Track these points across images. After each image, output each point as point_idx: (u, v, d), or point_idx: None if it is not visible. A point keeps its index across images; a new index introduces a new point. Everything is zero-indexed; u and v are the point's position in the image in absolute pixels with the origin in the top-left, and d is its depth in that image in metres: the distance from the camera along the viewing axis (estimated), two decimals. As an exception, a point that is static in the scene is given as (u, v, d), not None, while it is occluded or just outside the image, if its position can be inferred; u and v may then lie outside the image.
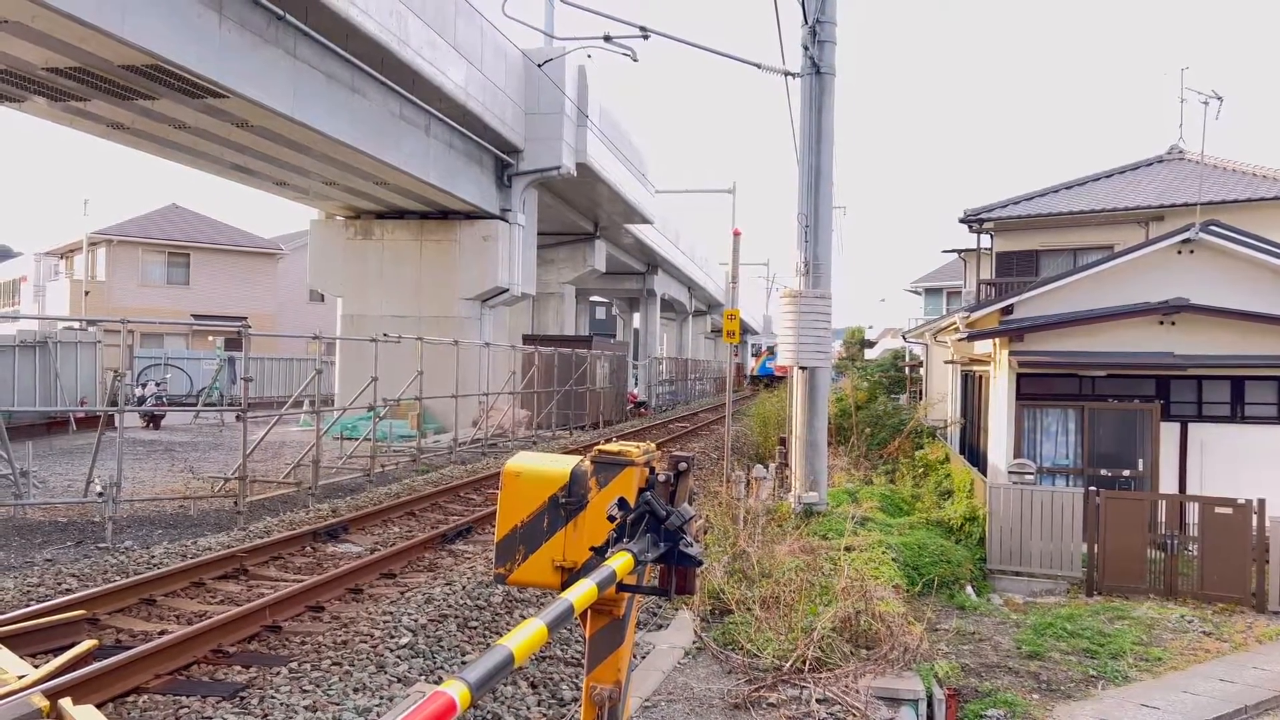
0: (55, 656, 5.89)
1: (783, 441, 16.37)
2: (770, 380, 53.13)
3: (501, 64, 23.08)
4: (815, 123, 12.49)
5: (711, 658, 6.76)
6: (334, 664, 6.00)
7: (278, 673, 5.87)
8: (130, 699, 5.43)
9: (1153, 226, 19.73)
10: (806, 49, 12.41)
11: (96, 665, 5.49)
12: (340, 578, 8.12)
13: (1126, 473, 14.09)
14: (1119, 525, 11.50)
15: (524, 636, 2.15)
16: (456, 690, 1.76)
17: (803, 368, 12.41)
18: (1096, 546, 11.59)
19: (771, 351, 29.71)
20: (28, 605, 7.10)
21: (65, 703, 4.74)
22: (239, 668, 6.06)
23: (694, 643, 7.05)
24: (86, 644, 6.09)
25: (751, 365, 67.06)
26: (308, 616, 7.28)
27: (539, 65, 20.26)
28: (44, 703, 4.66)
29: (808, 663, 6.39)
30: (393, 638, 6.52)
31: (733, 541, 9.06)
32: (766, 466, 14.58)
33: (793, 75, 12.86)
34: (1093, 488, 12.30)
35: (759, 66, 13.17)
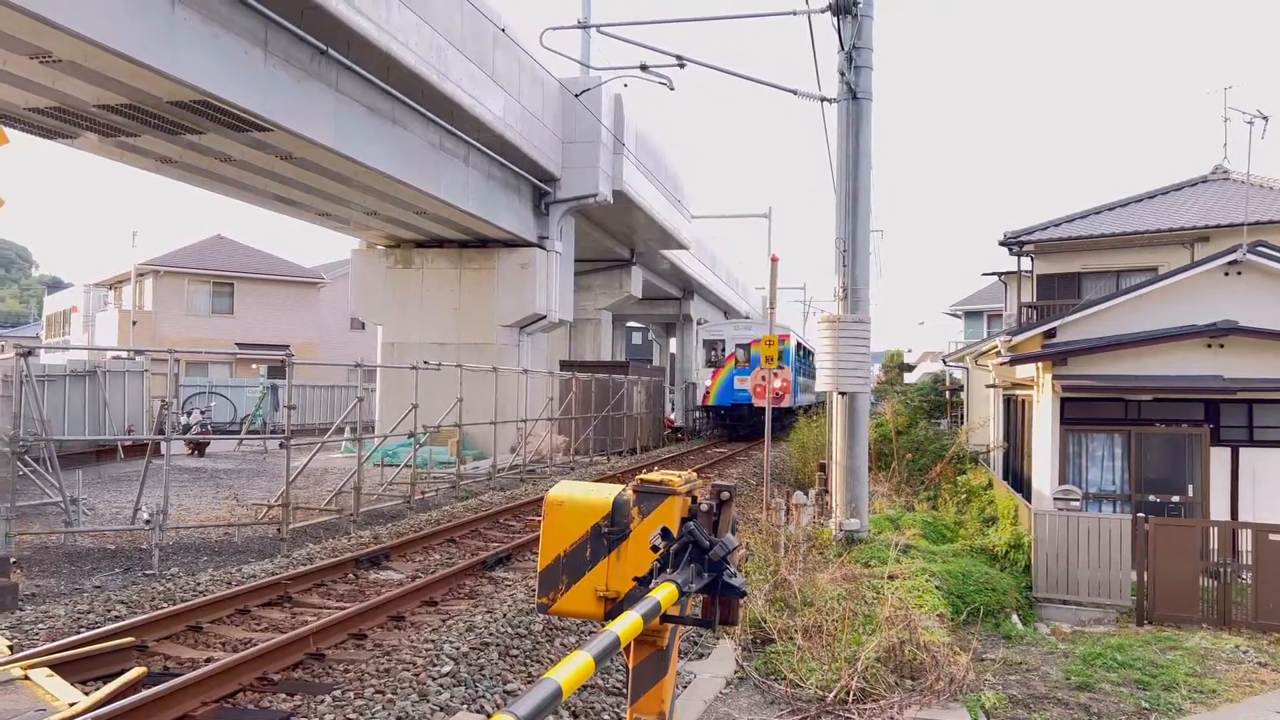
0: (105, 684, 5.98)
1: (822, 467, 16.24)
2: (740, 417, 34.60)
3: (539, 94, 23.34)
4: (853, 147, 12.48)
5: (754, 687, 6.70)
6: (377, 692, 6.02)
7: (322, 701, 5.91)
8: (177, 726, 5.49)
9: (1198, 248, 19.42)
10: (843, 75, 12.43)
11: (145, 693, 5.56)
12: (382, 605, 8.16)
13: (1176, 499, 13.80)
14: (1169, 553, 11.25)
15: (571, 669, 2.16)
16: (507, 724, 1.77)
17: (842, 393, 12.33)
18: (1146, 574, 11.35)
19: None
20: (78, 632, 7.22)
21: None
22: (284, 695, 6.11)
23: (736, 672, 6.99)
24: (135, 671, 6.18)
25: (707, 384, 35.94)
26: (351, 644, 7.33)
27: (576, 95, 20.47)
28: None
29: (852, 693, 6.31)
30: (435, 666, 6.54)
31: (774, 569, 8.99)
32: (807, 493, 14.47)
33: (829, 101, 12.88)
34: (1141, 514, 12.06)
35: (795, 93, 13.22)
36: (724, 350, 35.40)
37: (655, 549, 3.36)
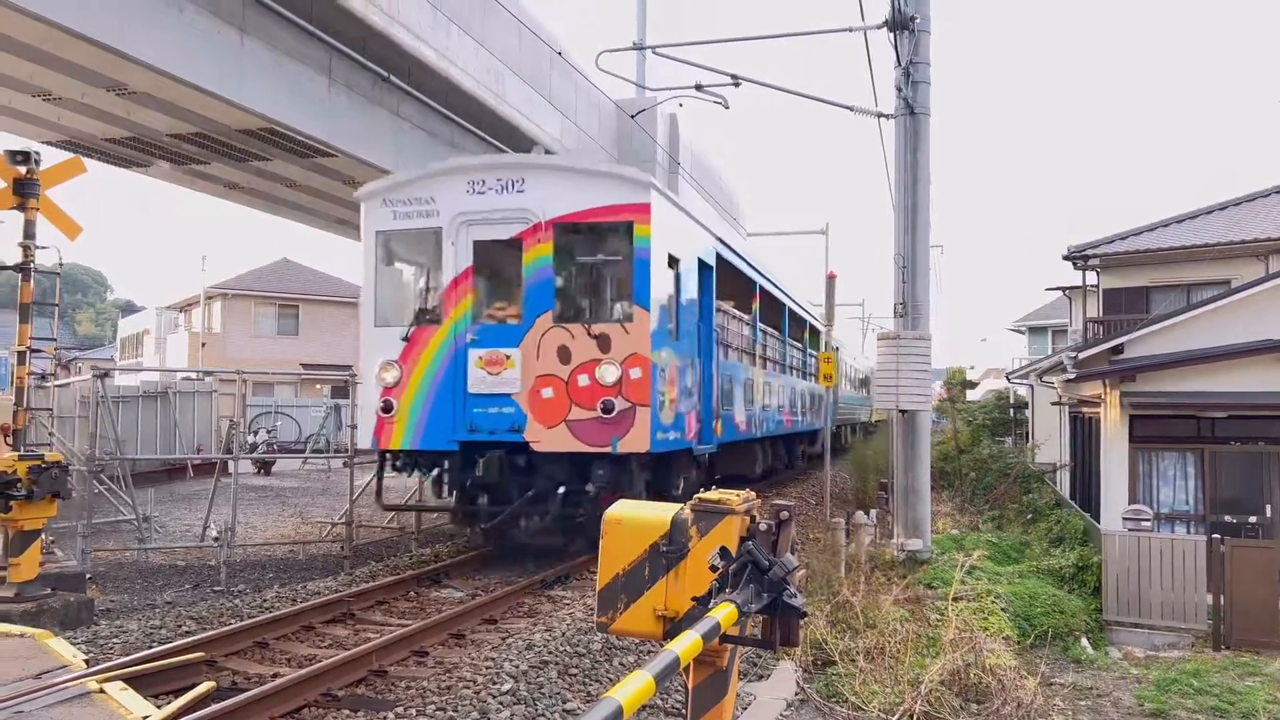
0: (176, 698, 6.12)
1: (884, 487, 16.03)
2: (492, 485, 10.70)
3: (595, 116, 23.56)
4: (910, 163, 12.38)
5: (815, 710, 6.62)
6: (438, 709, 6.06)
7: (384, 717, 5.97)
8: (245, 740, 5.59)
9: (1272, 260, 18.85)
10: (900, 90, 12.35)
11: (215, 707, 5.67)
12: (443, 623, 8.23)
13: (1253, 519, 13.35)
14: (1247, 575, 10.88)
15: (632, 689, 2.16)
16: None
17: (903, 411, 12.17)
18: (1223, 597, 10.98)
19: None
20: (150, 647, 7.40)
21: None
22: (347, 711, 6.18)
23: (796, 694, 6.91)
24: (205, 686, 6.31)
25: (385, 381, 10.38)
26: (412, 661, 7.40)
27: (631, 116, 20.62)
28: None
29: (915, 717, 6.20)
30: (495, 684, 6.56)
31: (835, 590, 8.88)
32: (868, 513, 14.29)
33: (886, 117, 12.80)
34: (1217, 535, 11.68)
35: (852, 109, 13.16)
36: (438, 257, 10.59)
37: (714, 568, 3.35)
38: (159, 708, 5.75)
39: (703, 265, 12.33)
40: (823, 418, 23.92)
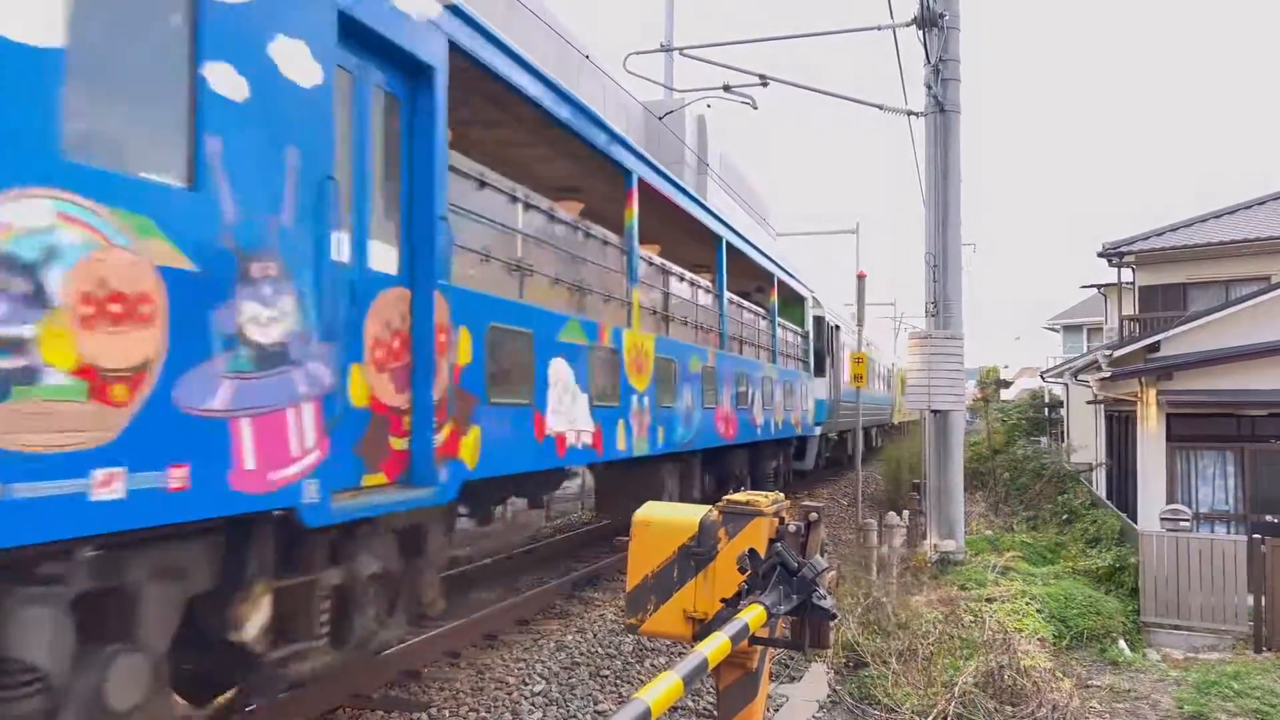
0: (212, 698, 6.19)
1: (916, 488, 15.92)
2: None
3: (623, 118, 23.54)
4: (941, 161, 12.29)
5: (847, 712, 6.59)
6: (471, 710, 6.11)
7: (418, 718, 6.02)
8: (281, 741, 5.65)
9: (1314, 255, 18.51)
10: (930, 88, 12.27)
11: (247, 709, 5.74)
12: (476, 624, 8.28)
13: (1295, 519, 13.11)
14: (1289, 576, 10.68)
15: (659, 691, 2.17)
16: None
17: (935, 411, 12.09)
18: (1264, 598, 10.78)
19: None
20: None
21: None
22: (380, 713, 6.24)
23: (829, 696, 6.88)
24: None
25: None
26: (445, 663, 7.45)
27: (659, 118, 20.65)
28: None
29: (949, 718, 6.15)
30: (527, 685, 6.61)
31: (866, 592, 8.83)
32: (900, 514, 14.19)
33: (916, 115, 12.72)
34: (1257, 535, 11.49)
35: (881, 108, 13.09)
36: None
37: (742, 570, 3.36)
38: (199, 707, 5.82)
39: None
40: (809, 420, 17.89)
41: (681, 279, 12.27)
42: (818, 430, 18.65)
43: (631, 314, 9.48)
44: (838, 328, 20.73)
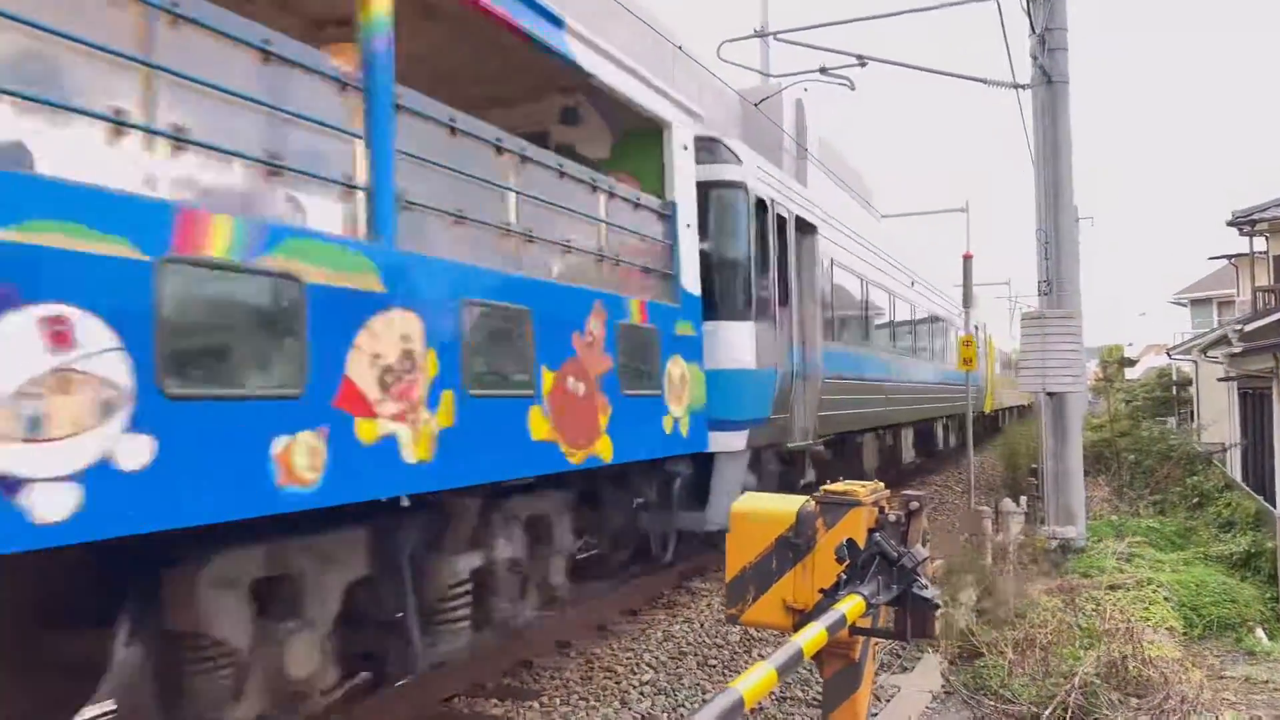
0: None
1: (1034, 473, 15.45)
2: None
3: (719, 107, 23.44)
4: (1050, 134, 11.87)
5: (961, 703, 6.46)
6: (581, 699, 6.23)
7: (530, 707, 6.17)
8: (401, 728, 5.87)
9: None
10: (1036, 59, 11.85)
11: (367, 700, 5.99)
12: (585, 615, 8.41)
13: None
14: None
15: (754, 680, 2.20)
16: (687, 733, 1.81)
17: (1050, 393, 11.70)
18: None
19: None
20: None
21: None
22: (495, 701, 6.41)
23: (942, 686, 6.76)
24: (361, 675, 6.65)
25: None
26: (556, 652, 7.60)
27: (755, 104, 20.51)
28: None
29: (1070, 710, 5.96)
30: (635, 674, 6.70)
31: (981, 581, 8.63)
32: (1017, 500, 13.79)
33: (1022, 88, 12.31)
34: None
35: (985, 82, 12.73)
36: None
37: (840, 560, 3.34)
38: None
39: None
40: (675, 424, 7.88)
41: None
42: (734, 439, 8.87)
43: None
44: (807, 226, 11.62)
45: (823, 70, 13.35)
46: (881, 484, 3.81)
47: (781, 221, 10.54)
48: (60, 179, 3.31)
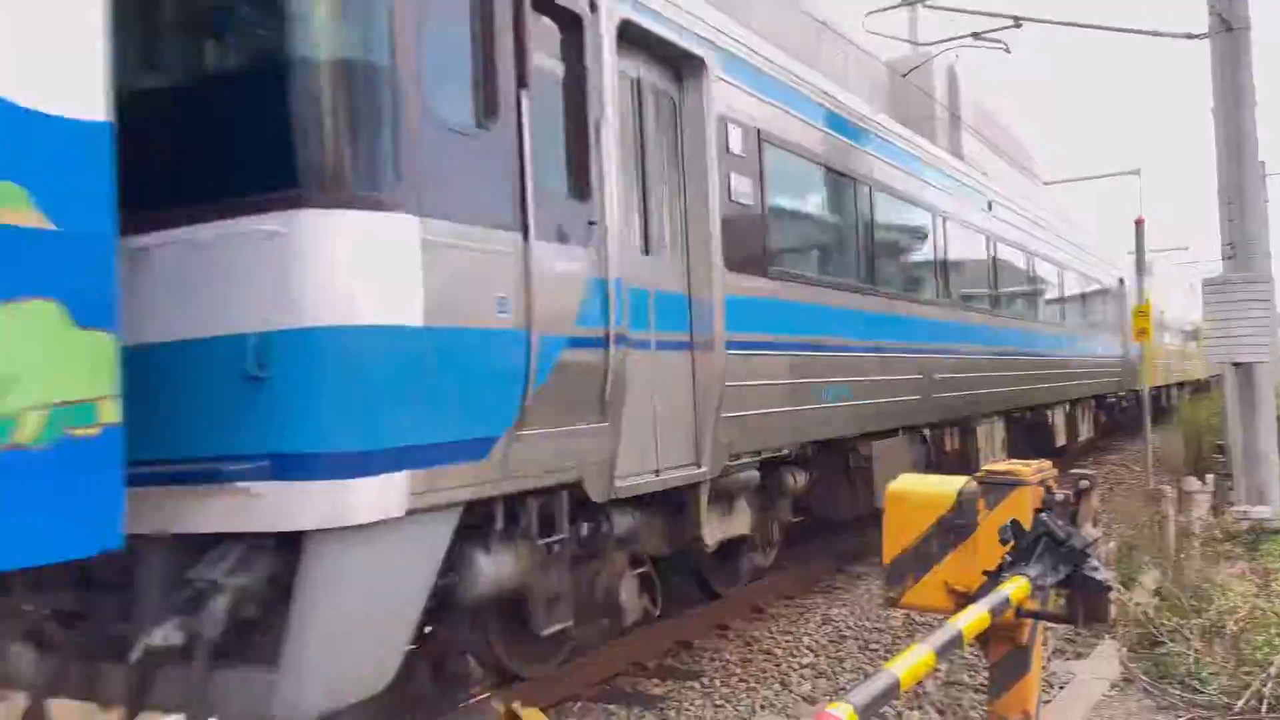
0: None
1: (1220, 449, 14.45)
2: None
3: (866, 79, 22.85)
4: (1231, 85, 11.05)
5: (1142, 692, 6.13)
6: (740, 680, 6.28)
7: (691, 687, 6.26)
8: (567, 704, 6.08)
9: None
10: (1213, 6, 11.04)
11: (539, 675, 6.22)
12: (743, 598, 8.45)
13: None
14: None
15: (910, 662, 2.17)
16: (844, 712, 1.83)
17: (1236, 364, 10.93)
18: None
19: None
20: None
21: (516, 705, 5.44)
22: (656, 680, 6.54)
23: (1121, 674, 6.44)
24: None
25: None
26: (715, 635, 7.67)
27: (904, 75, 19.89)
28: (501, 707, 5.41)
29: (1265, 701, 5.57)
30: (794, 657, 6.69)
31: (1162, 564, 8.16)
32: (1203, 479, 12.93)
33: (1197, 37, 11.49)
34: None
35: (1155, 34, 11.94)
36: None
37: (1004, 542, 3.24)
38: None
39: None
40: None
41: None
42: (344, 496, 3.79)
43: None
44: (673, 50, 6.51)
45: (975, 35, 12.81)
46: (1048, 462, 3.67)
47: (571, 21, 5.26)
48: None
